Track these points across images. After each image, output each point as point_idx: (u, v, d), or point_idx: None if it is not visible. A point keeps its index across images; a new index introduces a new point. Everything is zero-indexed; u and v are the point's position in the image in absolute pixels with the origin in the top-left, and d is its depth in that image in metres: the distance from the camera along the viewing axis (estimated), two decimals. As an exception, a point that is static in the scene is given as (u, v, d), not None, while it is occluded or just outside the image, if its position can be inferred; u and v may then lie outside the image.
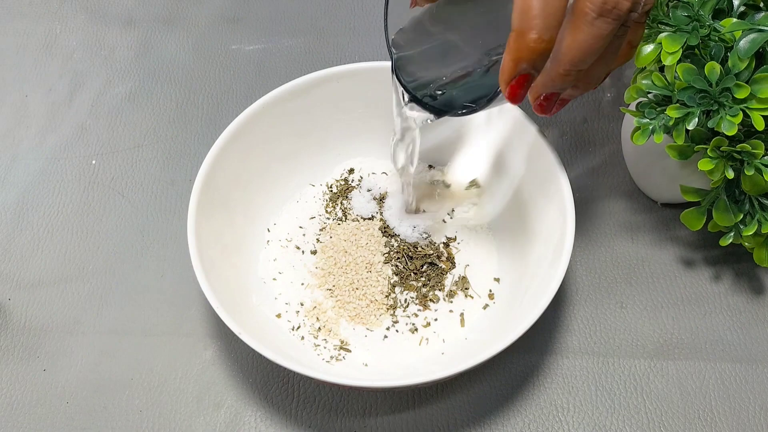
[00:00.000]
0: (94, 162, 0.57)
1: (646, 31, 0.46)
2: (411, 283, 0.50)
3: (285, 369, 0.41)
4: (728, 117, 0.42)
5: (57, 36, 0.65)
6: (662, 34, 0.44)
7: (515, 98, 0.36)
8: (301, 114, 0.51)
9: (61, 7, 0.67)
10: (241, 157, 0.49)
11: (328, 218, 0.53)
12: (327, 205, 0.53)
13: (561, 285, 0.42)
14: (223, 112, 0.59)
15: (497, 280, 0.50)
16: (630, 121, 0.51)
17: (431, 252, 0.50)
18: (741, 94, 0.42)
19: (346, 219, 0.53)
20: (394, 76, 0.43)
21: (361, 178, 0.54)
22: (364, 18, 0.65)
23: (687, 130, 0.44)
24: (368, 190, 0.53)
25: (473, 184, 0.53)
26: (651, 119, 0.45)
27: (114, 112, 0.60)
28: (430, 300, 0.49)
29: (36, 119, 0.60)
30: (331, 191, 0.54)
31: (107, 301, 0.51)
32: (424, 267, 0.50)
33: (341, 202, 0.53)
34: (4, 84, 0.62)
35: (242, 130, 0.49)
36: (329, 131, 0.53)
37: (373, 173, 0.54)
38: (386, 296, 0.49)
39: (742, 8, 0.45)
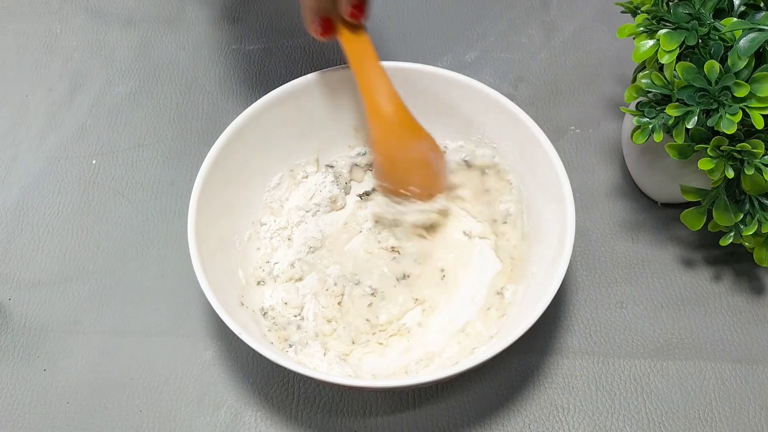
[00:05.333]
0: (94, 162, 0.57)
1: (646, 27, 0.46)
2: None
3: (285, 369, 0.41)
4: (728, 116, 0.42)
5: (57, 36, 0.65)
6: (661, 31, 0.45)
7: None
8: (302, 114, 0.51)
9: (61, 7, 0.67)
10: (242, 157, 0.49)
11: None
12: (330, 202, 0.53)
13: (561, 285, 0.42)
14: (223, 112, 0.59)
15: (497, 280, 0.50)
16: (630, 121, 0.51)
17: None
18: (741, 93, 0.42)
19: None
20: None
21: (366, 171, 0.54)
22: (364, 18, 0.65)
23: (687, 129, 0.44)
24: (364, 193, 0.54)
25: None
26: (651, 118, 0.45)
27: (114, 112, 0.60)
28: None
29: (36, 119, 0.60)
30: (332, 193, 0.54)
31: (107, 301, 0.51)
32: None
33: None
34: (4, 84, 0.62)
35: (242, 130, 0.49)
36: (330, 131, 0.53)
37: (371, 172, 0.54)
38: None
39: (743, 8, 0.45)
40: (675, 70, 0.44)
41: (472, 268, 0.50)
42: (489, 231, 0.51)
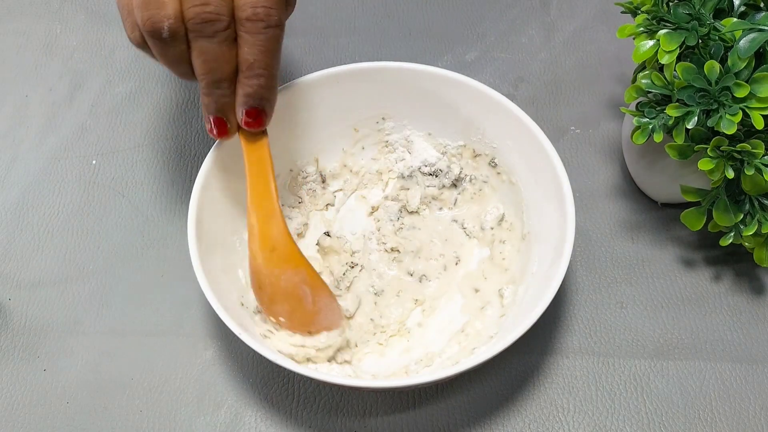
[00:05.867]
0: (94, 162, 0.57)
1: (646, 27, 0.46)
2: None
3: (285, 369, 0.41)
4: (728, 116, 0.42)
5: (57, 36, 0.65)
6: (661, 31, 0.45)
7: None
8: (301, 114, 0.51)
9: (61, 7, 0.67)
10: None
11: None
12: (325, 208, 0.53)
13: (561, 285, 0.42)
14: (223, 112, 0.59)
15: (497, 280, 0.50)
16: (630, 121, 0.51)
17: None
18: (741, 93, 0.42)
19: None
20: None
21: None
22: (364, 18, 0.65)
23: (687, 130, 0.44)
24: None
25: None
26: (651, 118, 0.45)
27: (114, 112, 0.60)
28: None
29: (36, 119, 0.60)
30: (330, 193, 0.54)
31: (107, 301, 0.51)
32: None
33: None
34: (4, 84, 0.62)
35: (242, 130, 0.49)
36: (330, 131, 0.53)
37: (369, 173, 0.54)
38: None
39: (743, 8, 0.45)
40: (675, 70, 0.44)
41: (470, 268, 0.50)
42: (483, 238, 0.51)
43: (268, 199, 0.44)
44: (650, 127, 0.45)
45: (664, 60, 0.44)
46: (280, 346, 0.44)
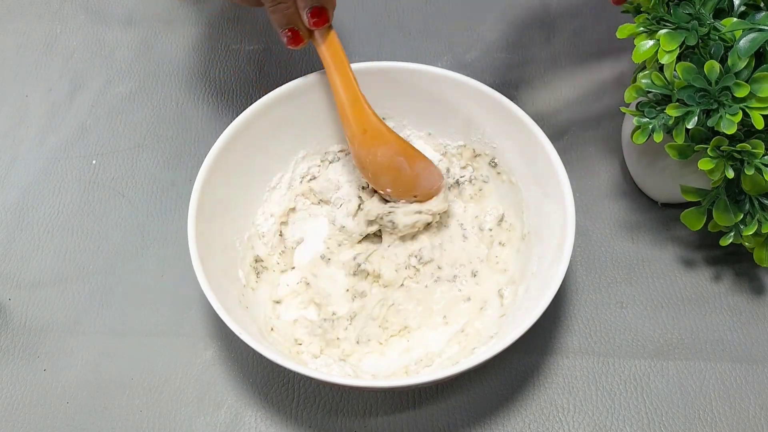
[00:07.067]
0: (94, 162, 0.57)
1: (646, 27, 0.46)
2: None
3: (285, 369, 0.41)
4: (728, 116, 0.42)
5: (57, 36, 0.65)
6: (661, 31, 0.44)
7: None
8: (302, 114, 0.51)
9: (61, 7, 0.67)
10: (242, 157, 0.49)
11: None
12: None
13: (561, 285, 0.42)
14: (223, 112, 0.59)
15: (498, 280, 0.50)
16: (630, 121, 0.51)
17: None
18: (741, 93, 0.42)
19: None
20: None
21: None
22: (364, 18, 0.65)
23: (687, 130, 0.44)
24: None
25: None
26: (651, 118, 0.45)
27: (114, 112, 0.60)
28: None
29: (36, 119, 0.60)
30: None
31: (107, 301, 0.51)
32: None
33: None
34: (4, 84, 0.62)
35: (242, 131, 0.49)
36: (330, 131, 0.53)
37: None
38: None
39: (743, 8, 0.45)
40: (675, 70, 0.44)
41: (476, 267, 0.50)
42: (482, 238, 0.51)
43: (350, 87, 0.48)
44: (650, 127, 0.45)
45: (664, 60, 0.44)
46: (399, 218, 0.49)
